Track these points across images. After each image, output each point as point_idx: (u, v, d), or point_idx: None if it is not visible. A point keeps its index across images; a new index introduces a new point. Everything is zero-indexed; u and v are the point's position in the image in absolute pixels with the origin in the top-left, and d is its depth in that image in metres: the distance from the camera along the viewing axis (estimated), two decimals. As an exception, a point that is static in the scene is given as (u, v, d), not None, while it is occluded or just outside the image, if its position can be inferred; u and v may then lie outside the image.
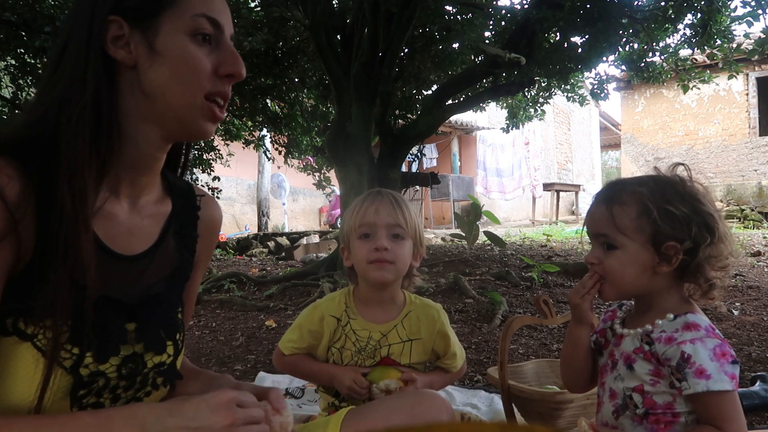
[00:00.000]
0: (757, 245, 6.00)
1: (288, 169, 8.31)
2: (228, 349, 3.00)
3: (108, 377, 0.78)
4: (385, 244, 1.27)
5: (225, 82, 0.82)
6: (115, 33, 0.78)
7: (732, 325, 3.06)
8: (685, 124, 11.53)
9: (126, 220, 0.84)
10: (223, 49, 0.82)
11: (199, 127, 0.82)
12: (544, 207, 14.32)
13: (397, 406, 0.96)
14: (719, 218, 0.99)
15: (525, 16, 4.51)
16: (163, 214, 0.90)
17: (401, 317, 1.35)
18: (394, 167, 4.84)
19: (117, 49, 0.78)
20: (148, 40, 0.78)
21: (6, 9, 4.00)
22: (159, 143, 0.84)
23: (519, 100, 6.54)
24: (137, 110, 0.80)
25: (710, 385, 0.91)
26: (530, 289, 4.08)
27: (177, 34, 0.78)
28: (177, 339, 0.88)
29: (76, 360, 0.75)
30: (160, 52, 0.78)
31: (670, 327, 0.98)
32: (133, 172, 0.84)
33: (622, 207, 1.00)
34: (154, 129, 0.82)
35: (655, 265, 0.99)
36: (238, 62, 0.82)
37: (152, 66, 0.78)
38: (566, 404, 1.50)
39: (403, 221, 1.29)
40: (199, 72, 0.79)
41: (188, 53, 0.78)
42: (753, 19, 4.23)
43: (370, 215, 1.29)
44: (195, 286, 1.01)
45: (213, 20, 0.80)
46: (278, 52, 5.42)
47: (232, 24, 0.85)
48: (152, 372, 0.84)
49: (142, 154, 0.83)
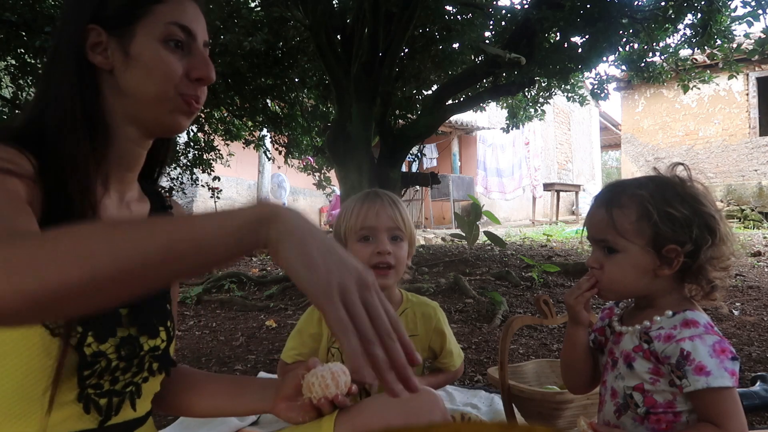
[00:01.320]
0: (757, 245, 5.99)
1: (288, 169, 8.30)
2: (228, 349, 3.00)
3: (109, 358, 0.81)
4: (387, 248, 1.28)
5: (196, 85, 0.88)
6: (94, 40, 0.84)
7: (732, 325, 3.06)
8: (685, 124, 11.53)
9: (117, 214, 0.90)
10: (194, 55, 0.88)
11: (174, 121, 0.88)
12: (545, 207, 14.32)
13: (390, 403, 0.97)
14: (720, 218, 0.98)
15: (525, 16, 4.51)
16: (146, 210, 0.97)
17: (398, 314, 1.35)
18: (395, 167, 4.84)
19: (95, 54, 0.85)
20: (123, 46, 0.84)
21: (6, 9, 3.99)
22: (140, 140, 0.90)
23: (519, 100, 6.54)
24: (118, 109, 0.86)
25: (710, 381, 0.90)
26: (530, 289, 4.07)
27: (150, 40, 0.84)
28: (168, 326, 0.92)
29: (80, 338, 0.78)
30: (134, 57, 0.84)
31: (668, 324, 0.98)
32: (121, 168, 0.90)
33: (622, 210, 0.99)
34: (135, 126, 0.88)
35: (656, 268, 0.98)
36: (208, 67, 0.88)
37: (127, 69, 0.84)
38: (566, 404, 1.50)
39: (403, 223, 1.30)
40: (170, 74, 0.85)
41: (160, 57, 0.84)
42: (753, 19, 4.23)
43: (371, 218, 1.29)
44: (175, 285, 1.08)
45: (185, 27, 0.87)
46: (278, 52, 5.42)
47: (205, 32, 0.92)
48: (148, 356, 0.88)
49: (127, 151, 0.89)
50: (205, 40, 0.91)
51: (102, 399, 0.82)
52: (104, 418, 0.83)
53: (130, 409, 0.86)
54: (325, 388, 0.94)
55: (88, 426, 0.81)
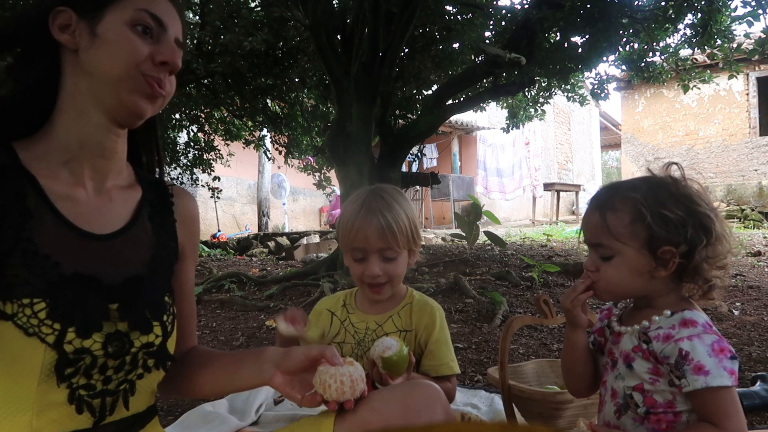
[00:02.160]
0: (757, 245, 5.99)
1: (288, 169, 8.31)
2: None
3: (94, 354, 0.79)
4: (376, 270, 1.25)
5: (160, 69, 0.87)
6: (64, 22, 0.86)
7: (732, 325, 3.07)
8: (685, 124, 11.53)
9: (91, 201, 0.89)
10: (163, 43, 0.89)
11: (134, 102, 0.87)
12: (545, 207, 14.32)
13: (389, 397, 0.96)
14: (716, 217, 0.98)
15: (525, 16, 4.51)
16: (134, 199, 0.95)
17: (398, 308, 1.34)
18: (395, 167, 4.84)
19: (62, 34, 0.86)
20: (91, 27, 0.86)
21: (6, 9, 4.00)
22: (109, 125, 0.89)
23: (519, 100, 6.54)
24: (80, 90, 0.86)
25: (709, 381, 0.90)
26: (530, 289, 4.07)
27: (118, 23, 0.86)
28: (165, 321, 0.89)
29: (58, 335, 0.77)
30: (100, 36, 0.85)
31: (666, 324, 0.98)
32: (92, 155, 0.89)
33: (615, 213, 0.99)
34: (99, 109, 0.87)
35: (652, 269, 0.98)
36: (174, 53, 0.88)
37: (92, 48, 0.85)
38: (567, 404, 1.50)
39: (395, 242, 1.24)
40: (134, 53, 0.85)
41: (125, 37, 0.85)
42: (753, 19, 4.23)
43: (360, 239, 1.25)
44: (188, 275, 1.04)
45: (155, 16, 0.87)
46: (278, 52, 5.42)
47: (180, 30, 0.92)
48: (141, 352, 0.85)
49: (95, 136, 0.88)
50: (178, 38, 0.91)
51: (95, 399, 0.81)
52: (99, 419, 0.82)
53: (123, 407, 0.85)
54: (342, 394, 0.90)
55: (82, 426, 0.81)
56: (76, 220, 0.85)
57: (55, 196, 0.84)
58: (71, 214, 0.85)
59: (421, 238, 1.35)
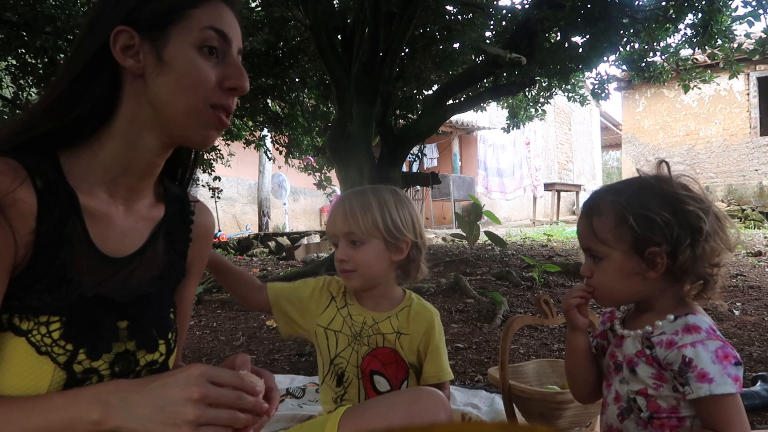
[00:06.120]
0: (758, 245, 5.99)
1: (289, 169, 8.32)
2: (229, 349, 3.00)
3: (101, 374, 0.79)
4: (340, 255, 1.28)
5: (228, 95, 0.85)
6: (126, 42, 0.80)
7: (733, 325, 3.06)
8: (686, 123, 11.53)
9: (121, 223, 0.87)
10: (229, 63, 0.85)
11: (202, 136, 0.85)
12: (545, 207, 14.32)
13: (394, 403, 0.96)
14: (706, 214, 0.96)
15: (526, 16, 4.51)
16: (156, 218, 0.93)
17: (396, 310, 1.34)
18: (395, 167, 4.84)
19: (126, 57, 0.80)
20: (157, 50, 0.80)
21: (7, 9, 3.99)
22: (159, 150, 0.87)
23: (520, 99, 6.54)
24: (141, 117, 0.82)
25: (713, 389, 0.89)
26: (531, 289, 4.07)
27: (185, 46, 0.81)
28: (169, 338, 0.90)
29: (69, 356, 0.76)
30: (168, 63, 0.80)
31: (670, 329, 0.97)
32: (132, 177, 0.87)
33: (601, 218, 1.00)
34: (156, 136, 0.84)
35: (642, 271, 0.98)
36: (242, 77, 0.84)
37: (159, 76, 0.80)
38: (567, 404, 1.50)
39: (357, 227, 1.26)
40: (204, 84, 0.82)
41: (194, 65, 0.81)
42: (754, 19, 4.23)
43: (330, 225, 1.31)
44: (190, 292, 1.04)
45: (221, 32, 0.83)
46: (279, 52, 5.42)
47: (240, 39, 0.88)
48: (144, 370, 0.85)
49: (142, 160, 0.86)
50: (239, 48, 0.88)
51: None
52: None
53: None
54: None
55: None
56: (104, 245, 0.83)
57: (90, 217, 0.82)
58: (100, 238, 0.83)
59: (418, 237, 1.33)
